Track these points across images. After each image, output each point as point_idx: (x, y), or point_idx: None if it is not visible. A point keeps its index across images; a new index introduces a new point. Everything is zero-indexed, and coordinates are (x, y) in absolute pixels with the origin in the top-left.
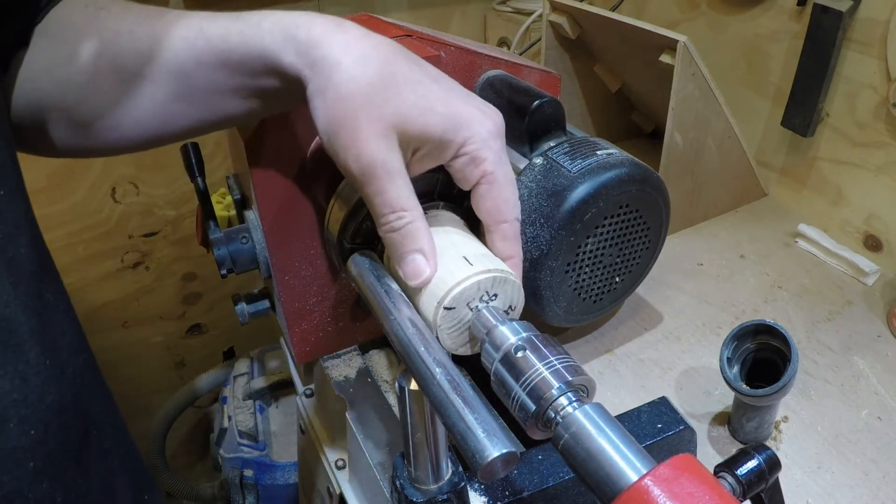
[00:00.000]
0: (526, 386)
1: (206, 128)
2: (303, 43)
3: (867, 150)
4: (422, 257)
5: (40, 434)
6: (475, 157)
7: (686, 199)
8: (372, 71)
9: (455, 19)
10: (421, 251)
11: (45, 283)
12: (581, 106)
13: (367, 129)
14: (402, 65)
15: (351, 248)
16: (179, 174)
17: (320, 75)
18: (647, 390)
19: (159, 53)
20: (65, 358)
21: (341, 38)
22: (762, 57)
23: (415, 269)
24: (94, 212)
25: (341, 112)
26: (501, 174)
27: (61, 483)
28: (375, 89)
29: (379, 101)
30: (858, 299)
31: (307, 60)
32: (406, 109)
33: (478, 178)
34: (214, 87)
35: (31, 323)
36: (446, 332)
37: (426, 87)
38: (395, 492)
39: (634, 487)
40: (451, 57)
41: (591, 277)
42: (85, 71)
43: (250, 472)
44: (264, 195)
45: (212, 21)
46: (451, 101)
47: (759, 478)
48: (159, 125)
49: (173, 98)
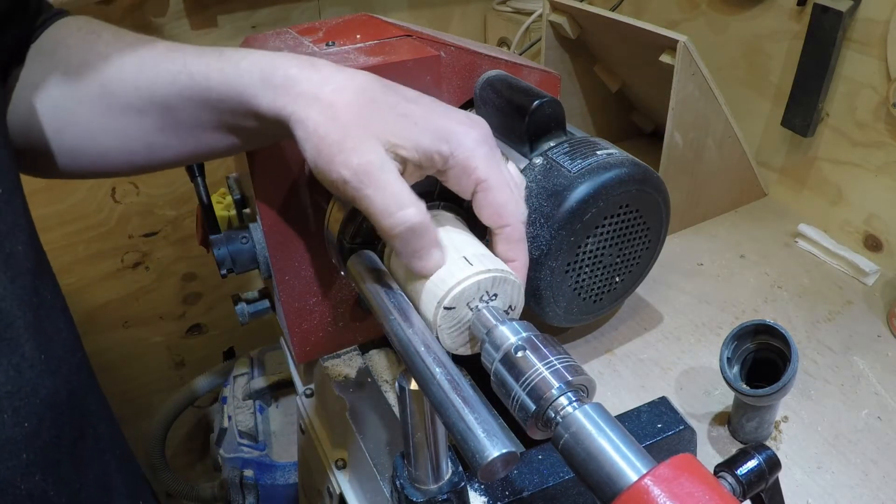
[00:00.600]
0: (526, 386)
1: (193, 158)
2: (280, 86)
3: (867, 150)
4: (438, 251)
5: (34, 426)
6: (465, 167)
7: (686, 199)
8: (350, 97)
9: (455, 19)
10: (438, 244)
11: (42, 281)
12: (581, 106)
13: (355, 138)
14: (378, 91)
15: (351, 248)
16: (179, 174)
17: (301, 109)
18: (647, 390)
19: (146, 85)
20: (60, 354)
21: (317, 75)
22: (762, 57)
23: (435, 264)
24: (94, 212)
25: (326, 135)
26: (495, 179)
27: (54, 477)
28: (356, 113)
29: (362, 122)
30: (858, 299)
31: (287, 99)
32: (388, 128)
33: (472, 187)
34: (198, 122)
35: (26, 317)
36: (446, 331)
37: (405, 107)
38: (395, 492)
39: (634, 487)
40: (451, 57)
41: (591, 277)
42: (73, 94)
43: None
44: (264, 195)
45: (197, 57)
46: (432, 116)
47: (759, 478)
48: (146, 154)
49: (159, 129)
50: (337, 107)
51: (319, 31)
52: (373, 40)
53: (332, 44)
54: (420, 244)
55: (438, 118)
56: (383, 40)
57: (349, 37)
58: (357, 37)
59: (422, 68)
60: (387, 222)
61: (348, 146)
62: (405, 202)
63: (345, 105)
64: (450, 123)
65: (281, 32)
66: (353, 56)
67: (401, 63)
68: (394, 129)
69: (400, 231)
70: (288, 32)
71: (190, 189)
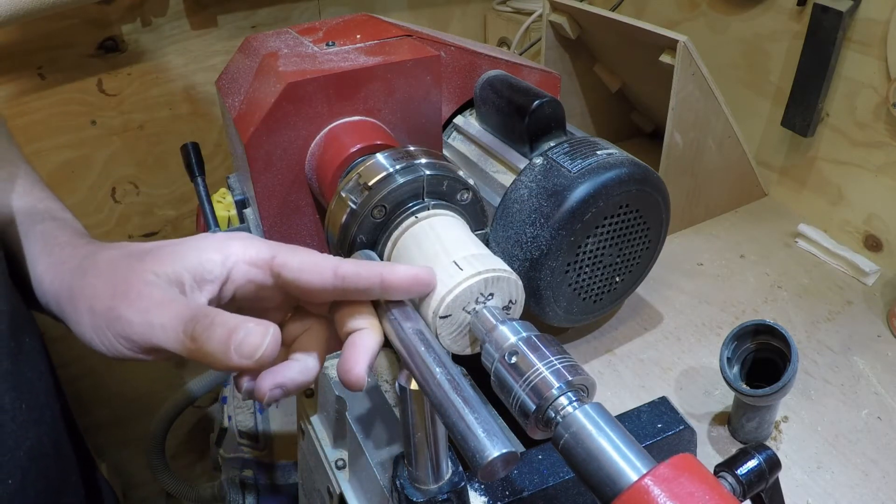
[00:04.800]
0: (526, 386)
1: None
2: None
3: (867, 150)
4: (250, 323)
5: (17, 483)
6: (254, 265)
7: (686, 199)
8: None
9: (455, 19)
10: (246, 319)
11: (20, 325)
12: (581, 106)
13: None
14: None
15: (351, 247)
16: (179, 174)
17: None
18: (647, 390)
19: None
20: (43, 401)
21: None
22: (762, 57)
23: (254, 342)
24: (94, 212)
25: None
26: (280, 251)
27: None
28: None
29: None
30: (858, 299)
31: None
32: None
33: (276, 273)
34: None
35: (3, 366)
36: (448, 337)
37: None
38: (395, 492)
39: (634, 487)
40: (451, 57)
41: (591, 277)
42: None
43: (250, 472)
44: (264, 195)
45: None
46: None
47: (759, 478)
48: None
49: None
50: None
51: (319, 31)
52: (373, 40)
53: (332, 44)
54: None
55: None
56: (383, 40)
57: (349, 37)
58: (357, 37)
59: (422, 68)
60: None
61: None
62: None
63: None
64: (191, 255)
65: (281, 32)
66: (353, 56)
67: (401, 63)
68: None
69: (200, 343)
70: (288, 32)
71: (190, 189)
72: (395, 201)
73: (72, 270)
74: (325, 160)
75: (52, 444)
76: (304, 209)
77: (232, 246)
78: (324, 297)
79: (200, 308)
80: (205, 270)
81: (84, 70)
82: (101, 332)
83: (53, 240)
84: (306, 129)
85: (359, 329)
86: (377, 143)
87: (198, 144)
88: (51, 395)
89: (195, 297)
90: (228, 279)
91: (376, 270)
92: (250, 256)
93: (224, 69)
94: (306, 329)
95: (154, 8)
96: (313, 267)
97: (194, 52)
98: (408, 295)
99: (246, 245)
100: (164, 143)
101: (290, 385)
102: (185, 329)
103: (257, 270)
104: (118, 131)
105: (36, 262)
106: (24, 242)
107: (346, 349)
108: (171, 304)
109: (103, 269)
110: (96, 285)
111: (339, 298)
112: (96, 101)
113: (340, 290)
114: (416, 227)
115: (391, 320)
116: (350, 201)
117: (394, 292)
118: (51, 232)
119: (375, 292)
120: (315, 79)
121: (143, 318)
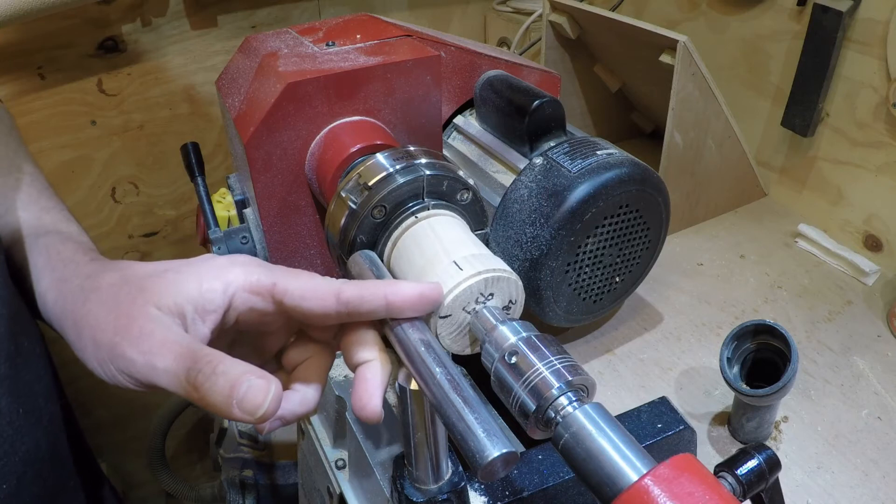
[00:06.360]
0: (526, 386)
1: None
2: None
3: (867, 150)
4: (252, 376)
5: (12, 487)
6: (255, 292)
7: (686, 199)
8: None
9: (455, 19)
10: (248, 371)
11: (20, 327)
12: (581, 106)
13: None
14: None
15: (351, 247)
16: (179, 174)
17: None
18: (647, 390)
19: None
20: (41, 404)
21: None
22: (762, 57)
23: (256, 401)
24: (94, 212)
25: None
26: (281, 278)
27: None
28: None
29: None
30: (858, 299)
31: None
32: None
33: (278, 301)
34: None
35: (0, 370)
36: (448, 337)
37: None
38: (395, 492)
39: (634, 487)
40: (451, 57)
41: (591, 277)
42: None
43: (250, 472)
44: (264, 195)
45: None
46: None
47: (759, 478)
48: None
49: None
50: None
51: (319, 31)
52: (373, 40)
53: (333, 44)
54: (224, 383)
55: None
56: (383, 40)
57: (349, 37)
58: (357, 37)
59: (422, 68)
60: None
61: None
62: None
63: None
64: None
65: (281, 32)
66: (353, 56)
67: (401, 63)
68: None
69: (203, 389)
70: (288, 32)
71: (190, 189)
72: (395, 201)
73: (73, 291)
74: (325, 160)
75: (49, 448)
76: (304, 209)
77: (232, 273)
78: (327, 321)
79: (203, 352)
80: (206, 301)
81: (84, 70)
82: (104, 364)
83: (57, 255)
84: (306, 129)
85: (367, 361)
86: (377, 143)
87: (198, 144)
88: (50, 398)
89: (198, 328)
90: (230, 307)
91: (380, 292)
92: (251, 284)
93: (224, 69)
94: (308, 357)
95: (154, 8)
96: (315, 293)
97: (194, 52)
98: (414, 313)
99: (247, 272)
100: (164, 143)
101: (289, 417)
102: (188, 376)
103: (258, 298)
104: (118, 131)
105: (40, 277)
106: (28, 255)
107: (357, 384)
108: (173, 346)
109: (105, 298)
110: (98, 315)
111: (343, 321)
112: (96, 101)
113: (344, 314)
114: (416, 227)
115: (391, 320)
116: (350, 201)
117: (399, 313)
118: (55, 246)
119: (380, 314)
120: (315, 79)
121: (146, 359)
